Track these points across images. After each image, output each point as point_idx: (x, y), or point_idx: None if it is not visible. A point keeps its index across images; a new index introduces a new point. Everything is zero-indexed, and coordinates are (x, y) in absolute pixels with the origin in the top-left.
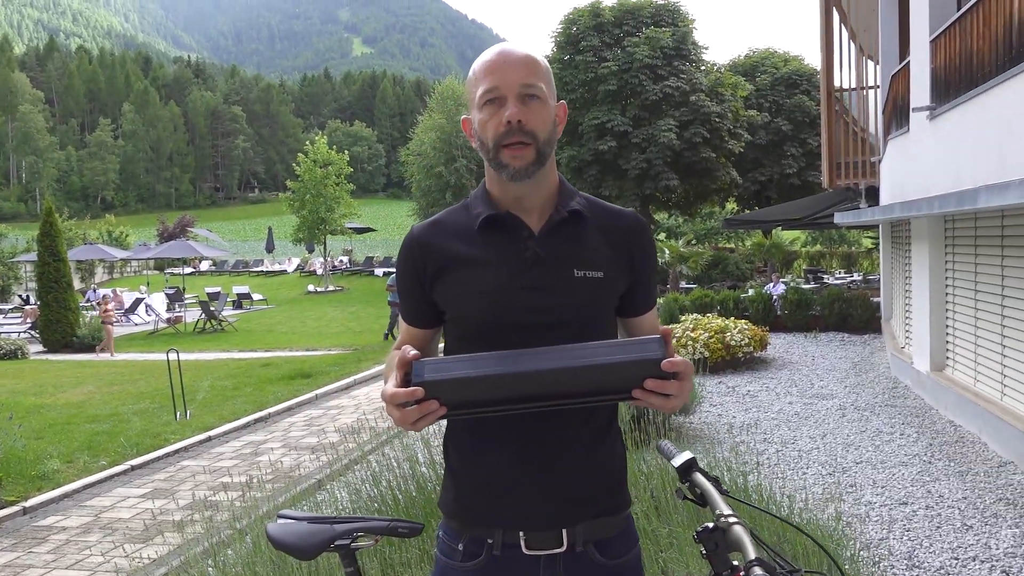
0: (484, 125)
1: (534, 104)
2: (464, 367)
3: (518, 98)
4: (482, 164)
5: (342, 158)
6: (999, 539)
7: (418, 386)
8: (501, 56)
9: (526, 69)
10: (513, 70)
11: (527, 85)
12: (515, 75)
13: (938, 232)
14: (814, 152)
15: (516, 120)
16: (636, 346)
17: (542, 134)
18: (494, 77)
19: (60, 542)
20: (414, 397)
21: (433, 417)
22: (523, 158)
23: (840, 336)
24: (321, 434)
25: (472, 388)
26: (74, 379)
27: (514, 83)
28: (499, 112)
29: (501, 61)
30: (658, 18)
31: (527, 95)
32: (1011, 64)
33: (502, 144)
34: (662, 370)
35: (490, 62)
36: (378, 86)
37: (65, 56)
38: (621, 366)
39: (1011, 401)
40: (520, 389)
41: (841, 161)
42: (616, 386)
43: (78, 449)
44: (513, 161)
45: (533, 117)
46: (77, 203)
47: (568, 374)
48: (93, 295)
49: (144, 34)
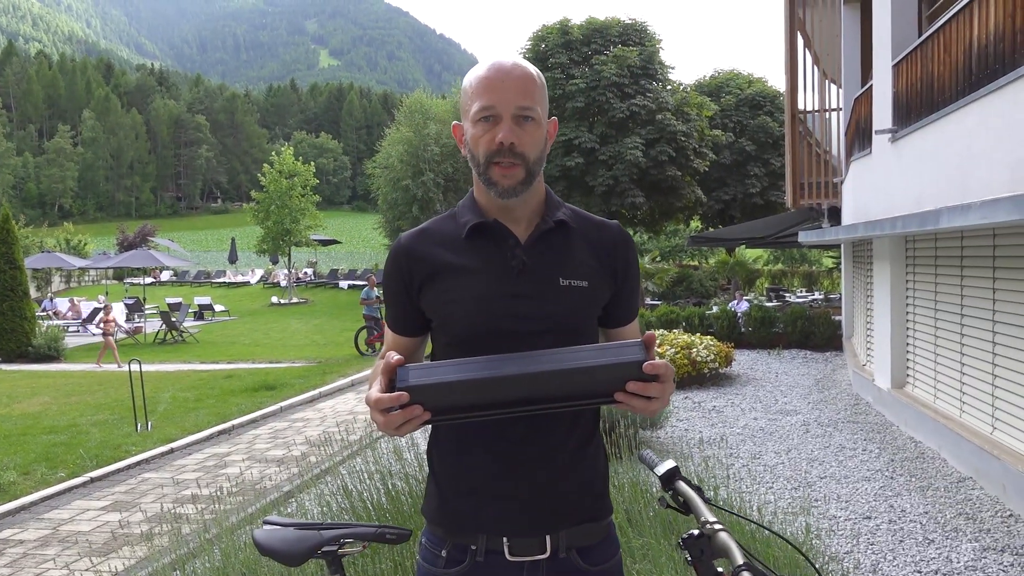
0: (477, 140)
1: (528, 126)
2: (448, 371)
3: (513, 119)
4: (449, 179)
5: (308, 169)
6: (960, 552)
7: (402, 391)
8: (500, 73)
9: (523, 90)
10: (511, 91)
11: (523, 107)
12: (512, 96)
13: (899, 252)
14: (777, 172)
15: (509, 142)
16: (618, 349)
17: (532, 155)
18: (491, 96)
19: (17, 555)
20: (399, 402)
21: (417, 422)
22: (512, 177)
23: (803, 353)
24: (287, 447)
25: (456, 392)
26: (29, 390)
27: (510, 104)
28: (492, 130)
29: (500, 79)
30: (626, 37)
31: (522, 116)
32: (971, 90)
33: (492, 161)
34: (643, 373)
35: (489, 79)
36: (345, 98)
37: (24, 61)
38: (603, 369)
39: (969, 418)
40: (503, 393)
41: (804, 181)
42: (598, 389)
43: (35, 461)
44: (502, 180)
45: (526, 139)
46: (34, 210)
47: (551, 377)
48: (49, 304)
49: (106, 40)
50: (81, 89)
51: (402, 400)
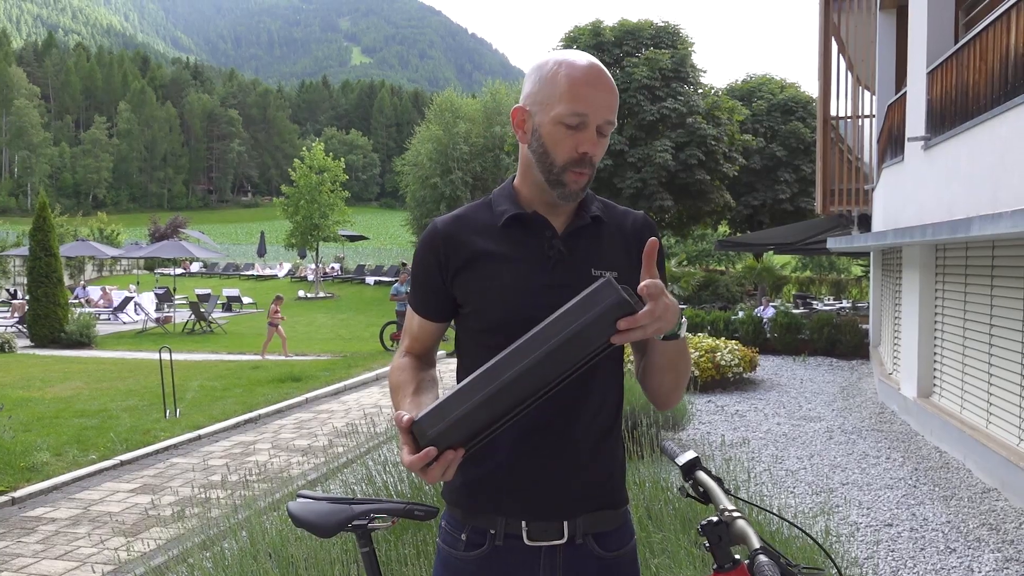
0: (556, 142)
1: (603, 139)
2: (455, 404)
3: (598, 129)
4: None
5: (338, 165)
6: (981, 562)
7: (428, 446)
8: (597, 80)
9: (612, 104)
10: (603, 103)
11: (609, 121)
12: (604, 110)
13: (929, 260)
14: (807, 179)
15: (591, 154)
16: (592, 296)
17: (598, 163)
18: (586, 103)
19: (49, 533)
20: (429, 458)
21: (455, 463)
22: (581, 183)
23: (828, 361)
24: (311, 437)
25: (472, 419)
26: (62, 374)
27: (600, 116)
28: (576, 136)
29: (595, 88)
30: (658, 40)
31: (604, 130)
32: (1006, 98)
33: (570, 168)
34: (629, 308)
35: (586, 84)
36: (376, 96)
37: (63, 52)
38: (589, 327)
39: (996, 429)
40: (515, 396)
41: (835, 188)
42: (594, 346)
43: (67, 443)
44: (573, 184)
45: (600, 150)
46: (69, 200)
47: (547, 360)
48: (82, 292)
49: (143, 34)
50: (118, 81)
51: (431, 456)
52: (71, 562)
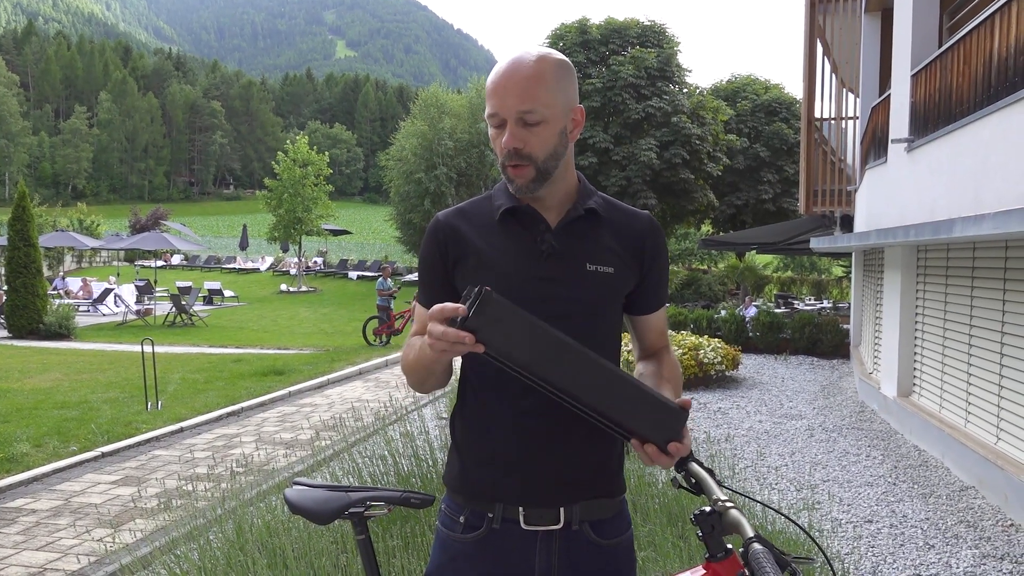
0: (493, 141)
1: (535, 128)
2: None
3: (516, 122)
4: (462, 174)
5: (322, 159)
6: (959, 559)
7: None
8: (503, 77)
9: (525, 93)
10: (512, 95)
11: (524, 111)
12: (513, 101)
13: (911, 261)
14: (790, 179)
15: (514, 148)
16: (667, 421)
17: (541, 155)
18: (495, 101)
19: (30, 524)
20: (461, 340)
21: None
22: (523, 177)
23: (809, 360)
24: (295, 430)
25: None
26: (40, 366)
27: (511, 109)
28: (502, 134)
29: (503, 83)
30: (644, 39)
31: (523, 120)
32: (989, 102)
33: (506, 163)
34: (676, 438)
35: (493, 83)
36: (360, 90)
37: (43, 41)
38: (656, 418)
39: (975, 428)
40: (563, 380)
41: (818, 188)
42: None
43: (47, 434)
44: (517, 179)
45: (532, 140)
46: (48, 190)
47: (610, 394)
48: (61, 283)
49: (125, 23)
50: (99, 71)
51: (464, 339)
52: (53, 553)
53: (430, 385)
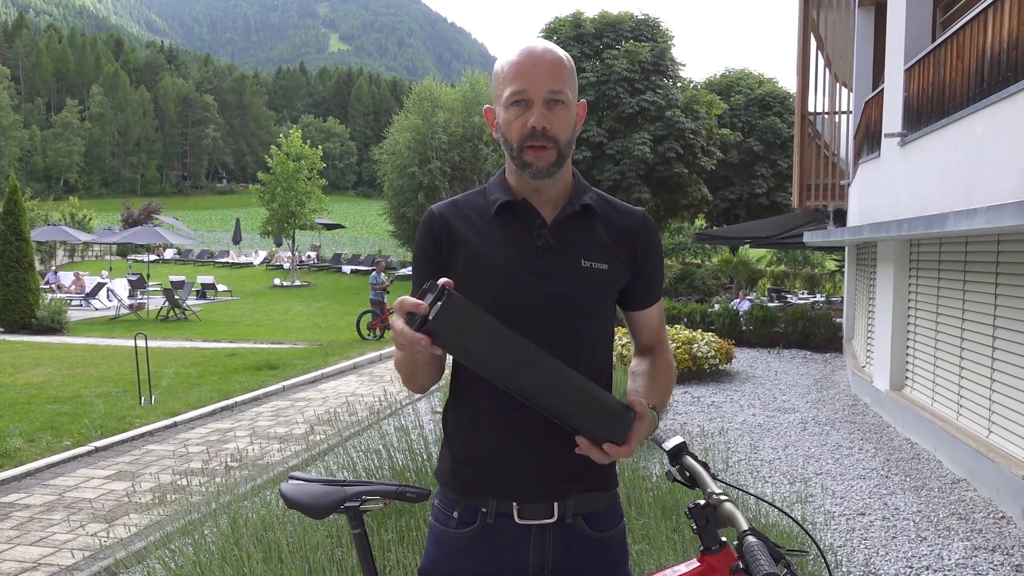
0: (509, 124)
1: (559, 109)
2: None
3: (544, 103)
4: (455, 168)
5: (315, 153)
6: (951, 551)
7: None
8: (531, 58)
9: (554, 75)
10: (542, 75)
11: (554, 91)
12: (544, 81)
13: (903, 255)
14: (783, 173)
15: (541, 127)
16: (612, 420)
17: (564, 137)
18: (523, 81)
19: (23, 519)
20: (417, 342)
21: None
22: (545, 159)
23: (803, 353)
24: (289, 425)
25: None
26: (33, 360)
27: (542, 89)
28: (525, 115)
29: (531, 64)
30: (638, 32)
31: (553, 100)
32: (982, 96)
33: (526, 144)
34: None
35: (520, 64)
36: (353, 83)
37: (34, 33)
38: (603, 415)
39: (966, 421)
40: (516, 376)
41: (811, 183)
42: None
43: (40, 429)
44: (536, 161)
45: (557, 122)
46: (39, 183)
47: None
48: (53, 277)
49: (117, 16)
50: (90, 64)
51: (420, 341)
52: (47, 548)
53: (420, 380)
